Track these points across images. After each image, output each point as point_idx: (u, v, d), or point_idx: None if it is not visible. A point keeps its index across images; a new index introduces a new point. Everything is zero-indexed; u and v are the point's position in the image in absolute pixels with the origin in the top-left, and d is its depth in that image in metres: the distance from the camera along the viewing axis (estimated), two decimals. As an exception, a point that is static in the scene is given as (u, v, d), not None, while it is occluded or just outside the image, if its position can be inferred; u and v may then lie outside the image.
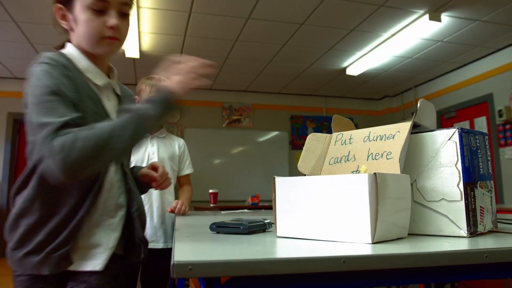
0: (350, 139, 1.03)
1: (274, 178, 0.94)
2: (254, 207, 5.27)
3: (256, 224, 1.04)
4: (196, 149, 7.40)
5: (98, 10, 1.14)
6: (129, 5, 1.21)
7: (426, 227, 0.92)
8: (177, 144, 2.62)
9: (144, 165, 1.96)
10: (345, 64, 6.12)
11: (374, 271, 0.65)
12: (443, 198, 0.89)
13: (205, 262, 0.55)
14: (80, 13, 1.15)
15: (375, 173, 0.76)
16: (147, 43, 5.22)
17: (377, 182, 0.75)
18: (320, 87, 7.46)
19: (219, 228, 1.03)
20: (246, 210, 3.06)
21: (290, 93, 7.99)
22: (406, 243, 0.77)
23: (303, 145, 1.07)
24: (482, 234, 0.91)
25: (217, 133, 7.57)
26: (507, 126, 5.56)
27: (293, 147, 8.01)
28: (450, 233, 0.88)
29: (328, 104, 8.25)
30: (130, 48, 5.24)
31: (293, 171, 7.96)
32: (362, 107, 8.44)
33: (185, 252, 0.62)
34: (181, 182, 2.70)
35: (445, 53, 5.63)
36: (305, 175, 1.18)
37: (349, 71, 6.30)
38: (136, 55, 5.47)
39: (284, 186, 0.91)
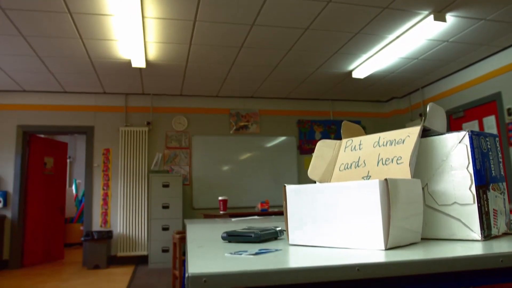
0: (359, 144, 1.03)
1: (285, 186, 0.94)
2: (264, 213, 5.26)
3: (268, 232, 1.05)
4: (204, 156, 7.43)
5: None
6: None
7: (438, 231, 0.91)
8: None
9: None
10: (351, 67, 6.11)
11: (389, 278, 0.64)
12: (455, 202, 0.88)
13: (219, 274, 0.55)
14: None
15: (386, 179, 0.75)
16: (153, 53, 5.26)
17: (388, 188, 0.75)
18: (326, 91, 7.46)
19: (231, 237, 1.03)
20: (256, 217, 3.06)
21: (297, 98, 8.00)
22: (420, 249, 0.77)
23: (311, 149, 1.07)
24: (496, 237, 0.90)
25: (224, 140, 7.58)
26: (517, 125, 5.51)
27: (301, 152, 8.00)
28: (464, 237, 0.87)
29: (335, 108, 8.24)
30: (137, 58, 5.28)
31: (302, 176, 7.94)
32: (369, 109, 8.42)
33: (198, 263, 0.62)
34: None
35: (451, 53, 5.61)
36: (315, 182, 1.18)
37: (355, 74, 6.29)
38: (142, 65, 5.51)
39: (294, 194, 0.91)
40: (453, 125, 6.85)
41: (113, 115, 7.15)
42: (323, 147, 1.09)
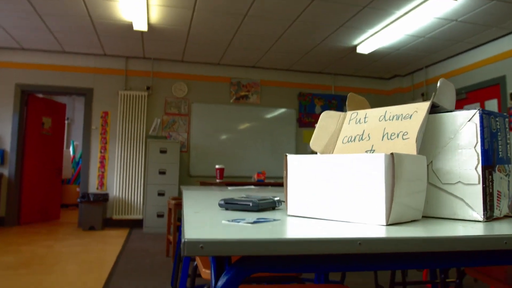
0: (365, 118, 1.00)
1: (286, 155, 0.91)
2: (260, 183, 5.27)
3: (266, 201, 1.03)
4: (202, 124, 7.39)
5: None
6: None
7: (440, 210, 0.90)
8: None
9: None
10: (356, 42, 6.02)
11: (390, 254, 0.63)
12: (459, 181, 0.86)
13: (216, 241, 0.53)
14: None
15: (392, 153, 0.73)
16: (156, 16, 5.15)
17: (394, 163, 0.73)
18: (329, 64, 7.36)
19: (228, 205, 1.02)
20: (252, 187, 3.06)
21: (299, 70, 7.91)
22: (421, 226, 0.75)
23: (310, 123, 1.05)
24: (497, 219, 0.89)
25: (224, 109, 7.54)
26: (519, 109, 5.48)
27: (300, 125, 7.97)
28: (465, 217, 0.86)
29: (337, 82, 8.16)
30: (138, 21, 5.17)
31: (300, 149, 7.94)
32: (372, 86, 8.35)
33: (195, 229, 0.60)
34: None
35: (459, 33, 5.51)
36: (316, 153, 1.16)
37: (359, 49, 6.20)
38: (144, 28, 5.40)
39: (296, 164, 0.89)
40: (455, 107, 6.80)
41: (113, 78, 7.07)
42: (327, 118, 1.06)
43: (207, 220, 0.77)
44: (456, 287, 1.95)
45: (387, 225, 0.73)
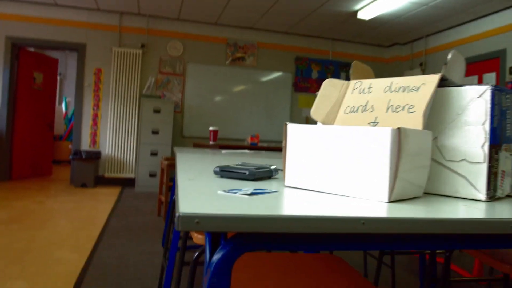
0: (369, 88, 0.96)
1: (286, 124, 0.88)
2: (253, 147, 5.26)
3: (263, 170, 1.00)
4: (197, 84, 7.29)
5: None
6: None
7: (441, 187, 0.87)
8: None
9: None
10: (357, 7, 5.87)
11: (392, 234, 0.61)
12: (464, 159, 0.83)
13: (213, 216, 0.50)
14: None
15: (399, 128, 0.70)
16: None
17: (400, 138, 0.70)
18: (328, 29, 7.22)
19: (223, 173, 0.99)
20: (247, 151, 3.04)
21: (297, 34, 7.76)
22: (423, 205, 0.73)
23: (306, 87, 1.01)
24: (499, 198, 0.87)
25: (220, 70, 7.42)
26: (517, 83, 5.45)
27: (295, 89, 7.90)
28: (467, 195, 0.84)
29: (335, 48, 8.03)
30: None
31: (294, 113, 7.91)
32: (370, 53, 8.23)
33: (190, 202, 0.57)
34: None
35: (463, 2, 5.39)
36: (316, 122, 1.12)
37: (360, 15, 6.06)
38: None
39: (297, 133, 0.85)
40: (452, 78, 6.74)
41: (106, 34, 6.88)
42: (329, 87, 1.02)
43: (202, 189, 0.74)
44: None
45: (389, 202, 0.71)
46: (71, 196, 5.69)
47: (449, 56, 0.87)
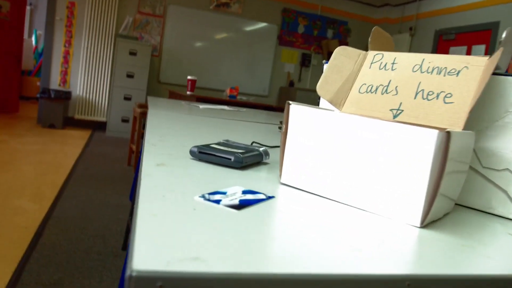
0: (393, 63, 0.76)
1: (289, 103, 0.68)
2: (233, 100, 5.02)
3: (251, 155, 0.81)
4: (178, 28, 6.89)
5: None
6: None
7: (470, 198, 0.70)
8: None
9: None
10: (354, -40, 5.52)
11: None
12: (507, 168, 0.66)
13: (185, 277, 0.32)
14: None
15: (448, 132, 0.51)
16: None
17: (449, 146, 0.51)
18: (321, -18, 6.85)
19: (202, 155, 0.79)
20: (226, 107, 2.83)
21: (288, -16, 7.36)
22: (463, 231, 0.56)
23: (291, 41, 0.81)
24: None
25: (202, 15, 7.01)
26: (508, 57, 5.32)
27: (280, 42, 7.60)
28: (503, 214, 0.67)
29: (324, 3, 7.69)
30: None
31: (277, 67, 7.66)
32: (359, 11, 7.92)
33: (153, 246, 0.37)
34: None
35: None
36: (319, 98, 0.92)
37: (356, -31, 5.72)
38: None
39: (302, 118, 0.66)
40: (440, 47, 6.58)
41: (82, -37, 6.33)
42: (342, 57, 0.81)
43: (173, 193, 0.55)
44: None
45: (421, 227, 0.54)
46: (37, 137, 5.39)
47: (504, 34, 0.68)
